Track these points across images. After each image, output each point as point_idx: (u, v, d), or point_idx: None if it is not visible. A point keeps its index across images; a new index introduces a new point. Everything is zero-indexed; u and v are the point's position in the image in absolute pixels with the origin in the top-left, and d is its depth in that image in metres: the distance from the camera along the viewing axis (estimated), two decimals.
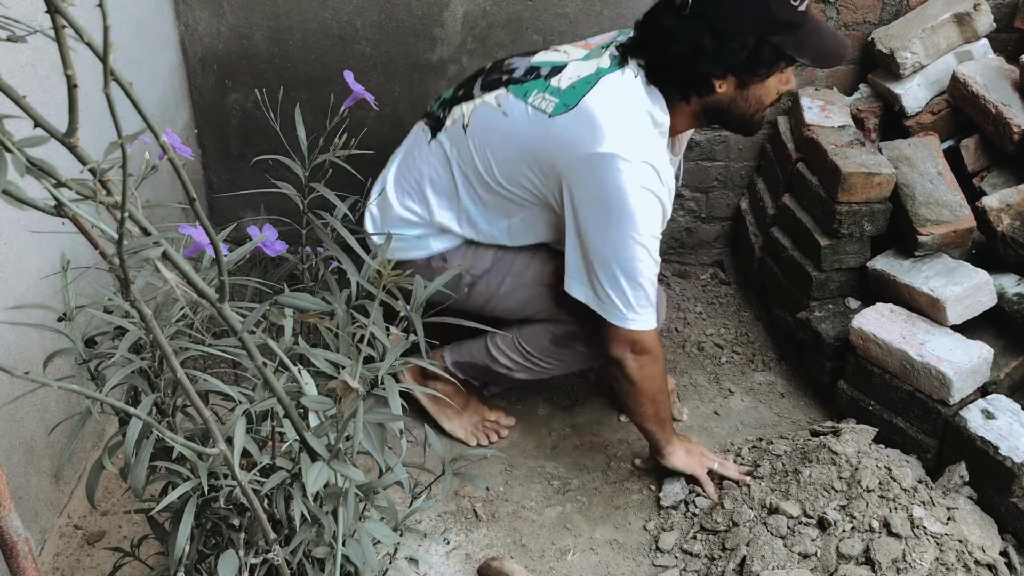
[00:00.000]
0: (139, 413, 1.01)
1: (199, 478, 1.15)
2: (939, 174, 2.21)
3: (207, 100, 2.67)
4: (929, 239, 2.14)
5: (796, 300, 2.44)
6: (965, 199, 2.18)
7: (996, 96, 2.28)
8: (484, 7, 2.57)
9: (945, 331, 2.07)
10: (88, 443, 2.04)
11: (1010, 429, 1.88)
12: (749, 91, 1.85)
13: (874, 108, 2.59)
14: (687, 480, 2.05)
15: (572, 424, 2.32)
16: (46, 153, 0.77)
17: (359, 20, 2.58)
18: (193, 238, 1.04)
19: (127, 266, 0.85)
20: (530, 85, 1.88)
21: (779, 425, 2.31)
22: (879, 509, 1.80)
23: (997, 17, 2.50)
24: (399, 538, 1.31)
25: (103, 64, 0.72)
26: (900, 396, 2.07)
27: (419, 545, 1.92)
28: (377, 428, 1.16)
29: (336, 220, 1.47)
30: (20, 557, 1.21)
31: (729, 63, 1.78)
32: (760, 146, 2.83)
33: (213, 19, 2.55)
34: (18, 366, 1.69)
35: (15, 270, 1.68)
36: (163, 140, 0.80)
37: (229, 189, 2.76)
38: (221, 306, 0.94)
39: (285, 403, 1.10)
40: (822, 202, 2.32)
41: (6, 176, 0.72)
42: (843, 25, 2.64)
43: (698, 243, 2.99)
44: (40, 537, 1.81)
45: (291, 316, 1.26)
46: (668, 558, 1.92)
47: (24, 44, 0.78)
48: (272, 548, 1.20)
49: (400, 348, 1.23)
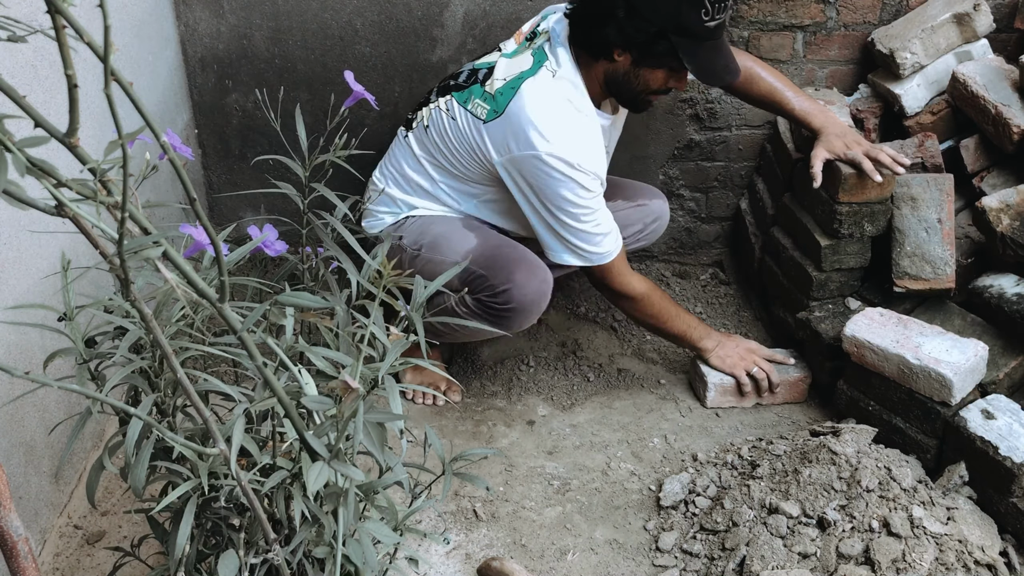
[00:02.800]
0: (139, 413, 1.02)
1: (199, 478, 1.15)
2: (939, 221, 2.20)
3: (207, 100, 2.67)
4: (903, 291, 2.21)
5: (796, 300, 2.44)
6: (954, 254, 2.19)
7: (996, 96, 2.28)
8: (484, 7, 2.57)
9: (938, 331, 2.07)
10: (88, 443, 2.04)
11: (1010, 429, 1.88)
12: (641, 71, 2.05)
13: (874, 108, 2.60)
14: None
15: (572, 424, 2.32)
16: (46, 153, 0.78)
17: (359, 20, 2.58)
18: (193, 238, 1.04)
19: (127, 266, 0.85)
20: (469, 91, 2.14)
21: (779, 425, 2.31)
22: (879, 509, 1.80)
23: (997, 17, 2.50)
24: (399, 538, 1.31)
25: (103, 64, 0.72)
26: (899, 397, 2.07)
27: (419, 545, 1.92)
28: (377, 428, 1.16)
29: (336, 220, 1.47)
30: (20, 557, 1.21)
31: (629, 39, 1.98)
32: (760, 146, 2.83)
33: (213, 19, 2.55)
34: (18, 366, 1.69)
35: (15, 270, 1.68)
36: (163, 140, 0.80)
37: (229, 189, 2.76)
38: (221, 306, 0.94)
39: (285, 403, 1.10)
40: (822, 202, 2.32)
41: (6, 176, 0.72)
42: (843, 25, 2.64)
43: (698, 243, 2.99)
44: (40, 537, 1.81)
45: (291, 316, 1.26)
46: (668, 558, 1.92)
47: (24, 44, 0.78)
48: (272, 548, 1.20)
49: (400, 348, 1.23)
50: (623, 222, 2.41)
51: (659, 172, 2.86)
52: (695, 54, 1.98)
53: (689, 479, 2.08)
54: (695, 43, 1.97)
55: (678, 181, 2.88)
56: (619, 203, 2.44)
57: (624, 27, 1.94)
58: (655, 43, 1.97)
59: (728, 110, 2.76)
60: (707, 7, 1.92)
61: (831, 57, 2.69)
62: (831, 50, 2.68)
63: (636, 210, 2.49)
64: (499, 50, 2.21)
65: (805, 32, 2.65)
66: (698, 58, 1.99)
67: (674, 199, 2.91)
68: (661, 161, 2.84)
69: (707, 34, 1.96)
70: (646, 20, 1.93)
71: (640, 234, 2.52)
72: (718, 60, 2.03)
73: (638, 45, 1.98)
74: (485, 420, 2.33)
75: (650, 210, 2.51)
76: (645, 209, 2.50)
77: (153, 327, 0.92)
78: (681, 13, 1.92)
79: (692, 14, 1.92)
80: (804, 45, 2.67)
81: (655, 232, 2.56)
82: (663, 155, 2.83)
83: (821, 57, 2.69)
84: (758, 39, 2.66)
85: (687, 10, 1.91)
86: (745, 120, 2.79)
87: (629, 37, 1.96)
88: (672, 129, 2.80)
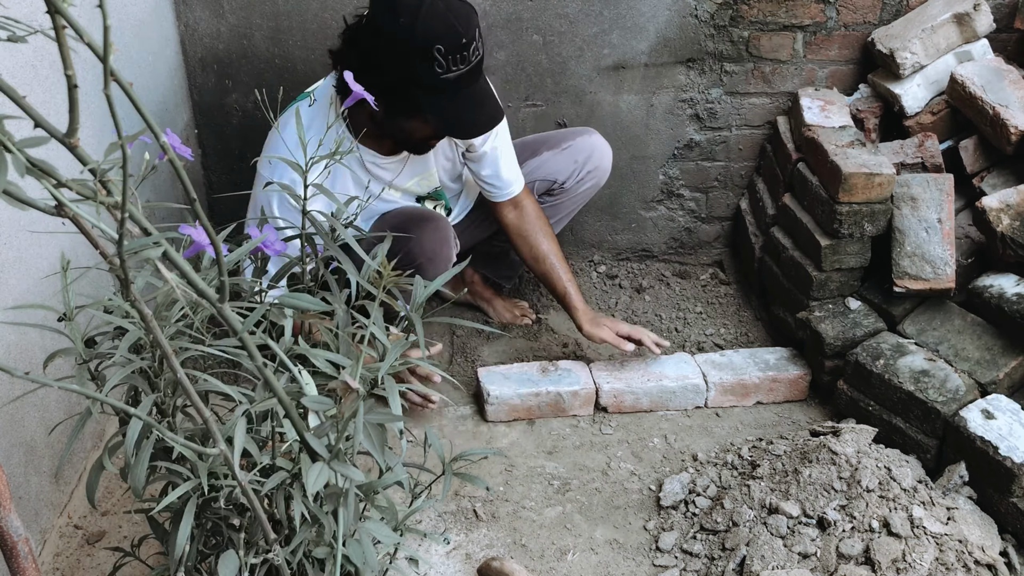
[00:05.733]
0: (139, 413, 1.02)
1: (199, 478, 1.15)
2: (939, 221, 2.20)
3: (207, 100, 2.67)
4: (904, 291, 2.20)
5: (796, 300, 2.44)
6: (954, 254, 2.19)
7: (994, 97, 2.28)
8: (484, 7, 2.57)
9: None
10: (88, 443, 2.04)
11: (1010, 429, 1.88)
12: (398, 120, 1.98)
13: (874, 108, 2.60)
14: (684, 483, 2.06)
15: (572, 424, 2.32)
16: (46, 153, 0.77)
17: None
18: (193, 238, 1.04)
19: (127, 266, 0.85)
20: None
21: (779, 425, 2.31)
22: (879, 509, 1.80)
23: (997, 17, 2.50)
24: (399, 538, 1.31)
25: (103, 64, 0.72)
26: (899, 396, 2.07)
27: (419, 545, 1.92)
28: (377, 428, 1.16)
29: (336, 220, 1.47)
30: (20, 557, 1.21)
31: (369, 87, 1.81)
32: (760, 146, 2.83)
33: (213, 19, 2.55)
34: (18, 366, 1.69)
35: (15, 270, 1.68)
36: (163, 140, 0.80)
37: (229, 189, 2.76)
38: (221, 306, 0.94)
39: (285, 403, 1.10)
40: (822, 202, 2.32)
41: (6, 176, 0.72)
42: (843, 25, 2.64)
43: (698, 243, 2.99)
44: (40, 537, 1.81)
45: (291, 316, 1.26)
46: (668, 558, 1.92)
47: (24, 44, 0.78)
48: (272, 548, 1.20)
49: (400, 348, 1.23)
50: (552, 169, 2.43)
51: (659, 172, 2.86)
52: (440, 107, 1.91)
53: (689, 479, 2.08)
54: (440, 95, 1.89)
55: (678, 181, 2.88)
56: (544, 155, 2.46)
57: (363, 79, 1.78)
58: (396, 96, 1.88)
59: (728, 110, 2.76)
60: (440, 60, 1.84)
61: (831, 57, 2.69)
62: (831, 50, 2.68)
63: (562, 154, 2.47)
64: None
65: (805, 32, 2.65)
66: (444, 111, 1.92)
67: (674, 199, 2.91)
68: (661, 161, 2.84)
69: (448, 86, 1.88)
70: (380, 70, 1.85)
71: (578, 175, 2.48)
72: (468, 112, 1.96)
73: (383, 97, 1.81)
74: (485, 420, 2.33)
75: (578, 148, 2.47)
76: (571, 150, 2.47)
77: (153, 327, 0.92)
78: (414, 67, 1.84)
79: (425, 67, 1.84)
80: (804, 45, 2.67)
81: (597, 168, 2.50)
82: (663, 155, 2.83)
83: (821, 57, 2.69)
84: (758, 39, 2.66)
85: (420, 64, 1.84)
86: (745, 120, 2.79)
87: (369, 84, 1.80)
88: (672, 129, 2.80)
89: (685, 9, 2.61)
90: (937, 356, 2.13)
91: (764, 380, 2.36)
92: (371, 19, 1.88)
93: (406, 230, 2.09)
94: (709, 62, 2.69)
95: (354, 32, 1.94)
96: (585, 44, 2.65)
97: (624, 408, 2.35)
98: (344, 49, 1.96)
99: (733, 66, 2.70)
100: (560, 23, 2.62)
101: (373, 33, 1.86)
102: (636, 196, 2.90)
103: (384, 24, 1.84)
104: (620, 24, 2.63)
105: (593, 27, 2.63)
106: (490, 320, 2.71)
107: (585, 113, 2.74)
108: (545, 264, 2.38)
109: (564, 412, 2.33)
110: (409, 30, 1.82)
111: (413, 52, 1.83)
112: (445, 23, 1.84)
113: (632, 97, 2.73)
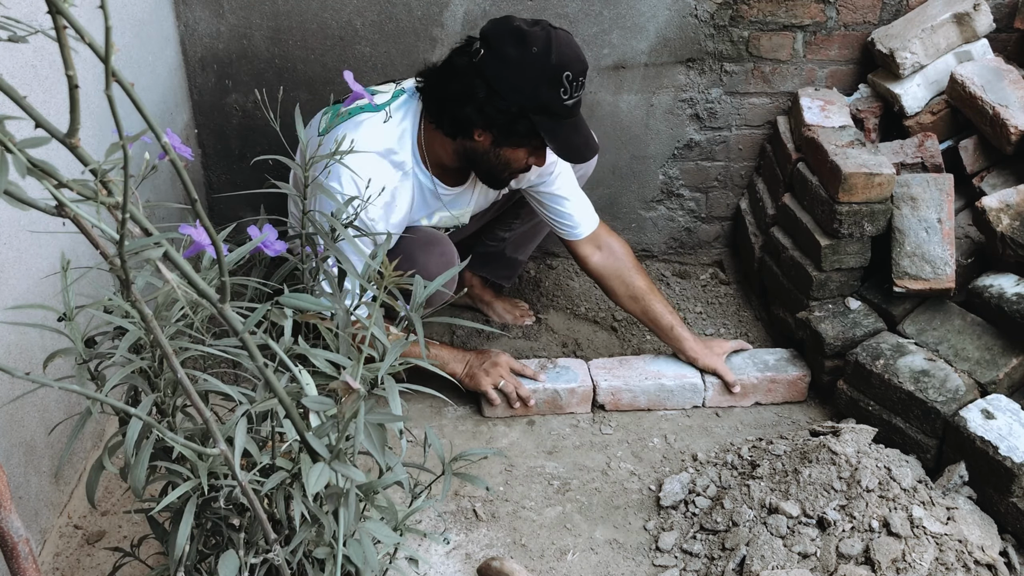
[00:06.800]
0: (139, 413, 1.01)
1: (199, 478, 1.15)
2: (939, 221, 2.20)
3: (207, 100, 2.67)
4: (903, 291, 2.20)
5: (796, 300, 2.44)
6: (954, 254, 2.19)
7: (994, 97, 2.28)
8: (484, 7, 2.57)
9: None
10: (88, 443, 2.04)
11: (1010, 429, 1.88)
12: (502, 151, 2.04)
13: (874, 108, 2.60)
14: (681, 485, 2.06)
15: (572, 424, 2.32)
16: (47, 154, 0.77)
17: (359, 20, 2.58)
18: (193, 238, 1.04)
19: (128, 266, 0.85)
20: (332, 108, 2.15)
21: (779, 425, 2.31)
22: (879, 509, 1.80)
23: (997, 17, 2.50)
24: (399, 538, 1.31)
25: (105, 65, 0.72)
26: (899, 396, 2.07)
27: (419, 545, 1.92)
28: (377, 428, 1.16)
29: (336, 220, 1.47)
30: (20, 557, 1.21)
31: (490, 120, 1.96)
32: (760, 146, 2.83)
33: (213, 19, 2.55)
34: (18, 366, 1.69)
35: (15, 270, 1.68)
36: (164, 140, 0.80)
37: (229, 189, 2.76)
38: (222, 306, 0.94)
39: (286, 403, 1.10)
40: (822, 202, 2.32)
41: (7, 177, 0.71)
42: (843, 25, 2.64)
43: (698, 243, 2.99)
44: (40, 537, 1.81)
45: (291, 316, 1.26)
46: (668, 558, 1.92)
47: (25, 44, 0.78)
48: (272, 548, 1.20)
49: (400, 348, 1.23)
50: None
51: (659, 172, 2.86)
52: (556, 133, 1.98)
53: (689, 479, 2.08)
54: (555, 122, 1.97)
55: (678, 181, 2.88)
56: None
57: (484, 108, 1.94)
58: (516, 123, 1.96)
59: (728, 110, 2.76)
60: (566, 86, 1.92)
61: (831, 57, 2.69)
62: (831, 50, 2.68)
63: None
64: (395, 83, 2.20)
65: (805, 32, 2.65)
66: (560, 136, 1.99)
67: (674, 199, 2.91)
68: (661, 161, 2.84)
69: (566, 112, 1.97)
70: (507, 100, 1.93)
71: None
72: (578, 138, 2.03)
73: (499, 125, 1.97)
74: (485, 420, 2.33)
75: None
76: None
77: (153, 327, 0.92)
78: (541, 93, 1.92)
79: (552, 93, 1.92)
80: (804, 45, 2.67)
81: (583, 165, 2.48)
82: (663, 155, 2.83)
83: (821, 57, 2.69)
84: (758, 39, 2.66)
85: (547, 90, 1.92)
86: (745, 120, 2.79)
87: (490, 118, 1.95)
88: (672, 129, 2.80)
89: (685, 9, 2.61)
90: (937, 356, 2.13)
91: (763, 381, 2.36)
92: (495, 51, 1.92)
93: (411, 255, 2.11)
94: (709, 62, 2.69)
95: (466, 63, 1.95)
96: (585, 44, 2.65)
97: (622, 406, 2.35)
98: (469, 80, 1.94)
99: (733, 66, 2.70)
100: (560, 23, 2.61)
101: (500, 64, 1.91)
102: (636, 196, 2.90)
103: (513, 54, 1.91)
104: (620, 24, 2.63)
105: (593, 27, 2.63)
106: (491, 322, 2.71)
107: (585, 113, 2.73)
108: (644, 302, 2.37)
109: (562, 409, 2.33)
110: (543, 58, 1.90)
111: (544, 79, 1.91)
112: (573, 51, 1.95)
113: (632, 97, 2.73)
